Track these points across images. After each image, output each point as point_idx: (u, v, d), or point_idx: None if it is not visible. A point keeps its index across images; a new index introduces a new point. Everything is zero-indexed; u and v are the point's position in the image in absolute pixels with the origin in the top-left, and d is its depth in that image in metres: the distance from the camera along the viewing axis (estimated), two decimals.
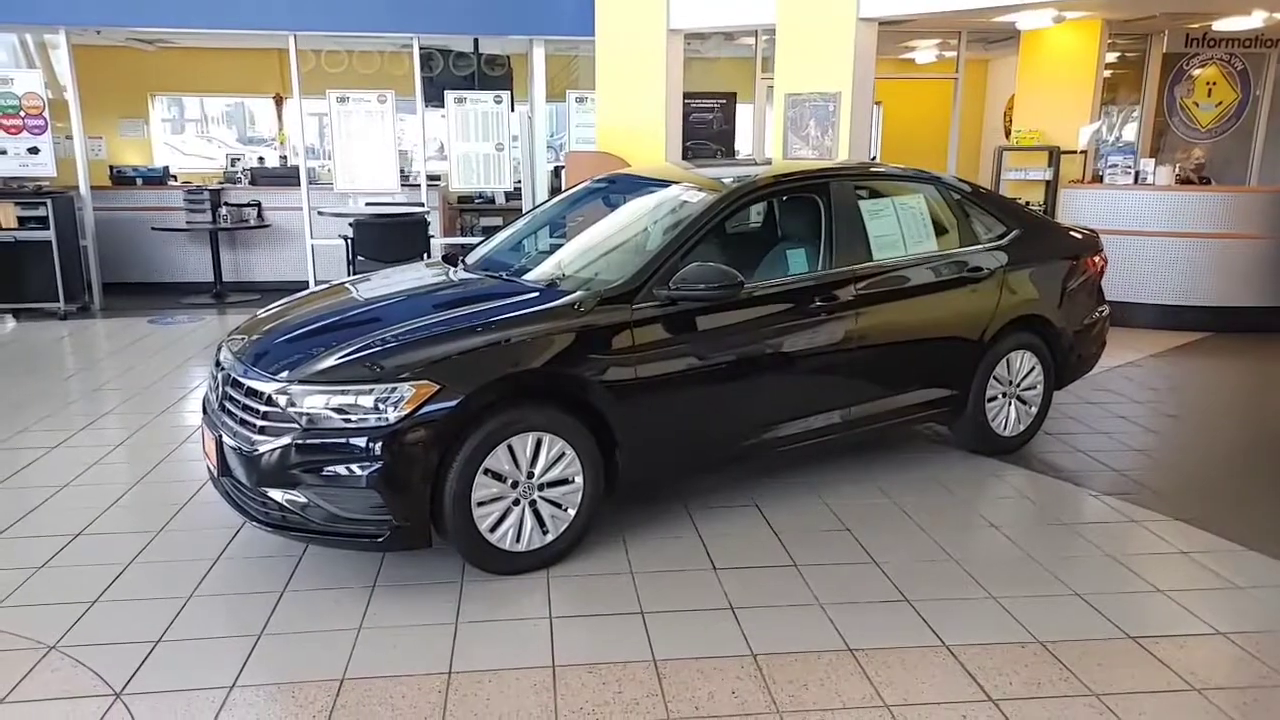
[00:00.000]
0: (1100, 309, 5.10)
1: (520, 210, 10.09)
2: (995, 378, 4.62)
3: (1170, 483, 4.52)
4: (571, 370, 3.42)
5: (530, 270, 4.10)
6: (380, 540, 3.20)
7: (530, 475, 3.37)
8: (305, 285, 8.76)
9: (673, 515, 3.98)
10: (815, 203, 4.22)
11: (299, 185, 9.11)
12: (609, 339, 3.50)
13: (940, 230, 4.55)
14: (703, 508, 4.06)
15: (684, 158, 8.49)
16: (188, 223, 9.29)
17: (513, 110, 8.87)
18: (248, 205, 9.56)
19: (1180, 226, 7.64)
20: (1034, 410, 4.84)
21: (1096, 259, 5.06)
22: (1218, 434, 5.40)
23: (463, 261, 4.49)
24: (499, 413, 3.28)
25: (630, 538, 3.76)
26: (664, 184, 4.50)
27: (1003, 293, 4.55)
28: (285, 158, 11.96)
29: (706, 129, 9.58)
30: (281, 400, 3.20)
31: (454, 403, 3.16)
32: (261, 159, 11.77)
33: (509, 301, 3.61)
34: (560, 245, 4.39)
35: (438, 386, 3.16)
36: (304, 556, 3.57)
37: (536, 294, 3.67)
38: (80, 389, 6.05)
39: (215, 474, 3.49)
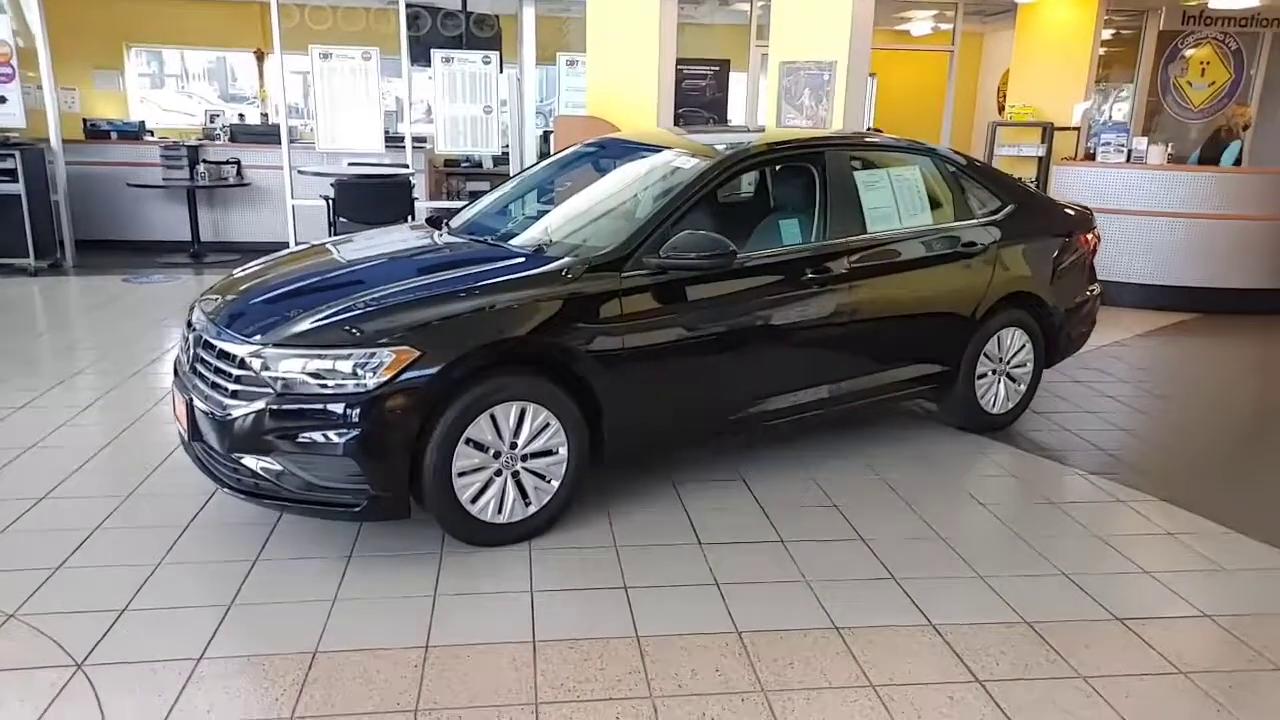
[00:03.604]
0: (1091, 288, 5.05)
1: (508, 175, 9.95)
2: (985, 354, 4.57)
3: (1157, 463, 4.50)
4: (557, 339, 3.32)
5: (517, 235, 3.99)
6: (357, 510, 3.11)
7: (513, 446, 3.28)
8: (285, 246, 8.57)
9: (658, 489, 3.90)
10: (810, 172, 4.12)
11: (280, 144, 8.89)
12: (596, 307, 3.40)
13: (935, 203, 4.47)
14: (689, 481, 3.99)
15: (675, 125, 8.34)
16: (164, 179, 9.07)
17: (501, 72, 8.68)
18: (227, 163, 9.35)
19: (1170, 206, 7.59)
20: (1023, 388, 4.79)
21: (1089, 237, 5.00)
22: (1204, 415, 5.38)
23: (447, 225, 4.37)
24: (481, 381, 3.18)
25: (615, 511, 3.68)
26: (655, 149, 4.39)
27: (996, 269, 4.48)
28: (266, 115, 11.72)
29: (699, 96, 9.41)
30: (255, 364, 3.09)
31: (435, 370, 3.06)
32: (242, 116, 11.50)
33: (494, 267, 3.50)
34: (548, 210, 4.27)
35: (418, 353, 3.06)
36: (278, 525, 3.47)
37: (523, 259, 3.56)
38: (50, 348, 5.90)
39: (186, 438, 3.38)
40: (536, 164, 4.89)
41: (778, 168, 4.40)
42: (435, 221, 4.49)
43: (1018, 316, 4.62)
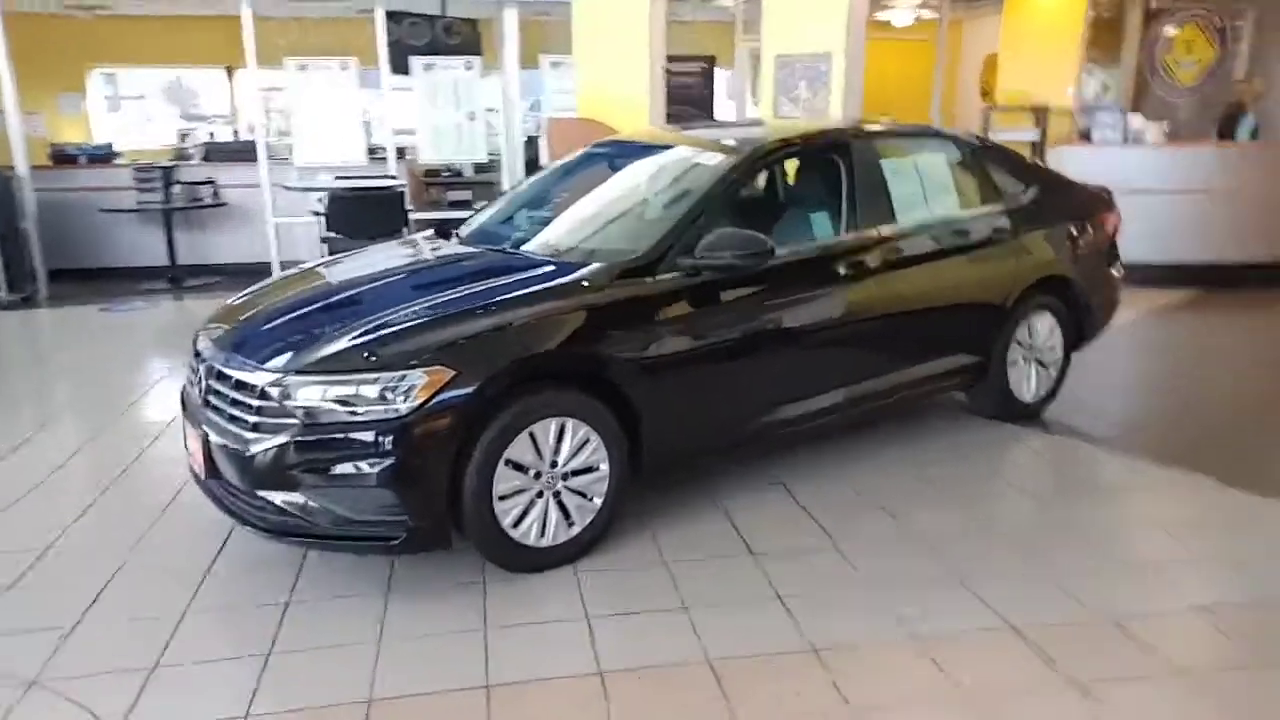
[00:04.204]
0: (1114, 268, 4.93)
1: (492, 183, 9.72)
2: (1017, 341, 4.44)
3: (1193, 441, 4.40)
4: (594, 349, 3.15)
5: (536, 242, 3.79)
6: (396, 543, 2.92)
7: (554, 464, 3.10)
8: (268, 266, 8.33)
9: (697, 499, 3.73)
10: (835, 163, 3.97)
11: (257, 160, 8.63)
12: (632, 313, 3.24)
13: (962, 190, 4.35)
14: (727, 489, 3.82)
15: (667, 123, 8.15)
16: (138, 203, 8.75)
17: (483, 77, 8.48)
18: (202, 183, 9.05)
19: (1169, 183, 7.54)
20: (1054, 373, 4.66)
21: (1111, 216, 4.89)
22: (1227, 389, 5.29)
23: (457, 234, 4.18)
24: (520, 398, 3.00)
25: (656, 526, 3.50)
26: (669, 148, 4.23)
27: (1025, 253, 4.36)
28: (238, 132, 11.43)
29: (686, 93, 9.24)
30: (277, 393, 2.88)
31: (471, 390, 2.88)
32: (212, 134, 11.20)
33: (523, 277, 3.31)
34: (563, 216, 4.08)
35: (453, 372, 2.87)
36: (306, 562, 3.26)
37: (553, 268, 3.37)
38: (32, 387, 5.63)
39: (201, 476, 3.16)
40: (545, 169, 4.68)
41: (799, 160, 4.22)
42: (444, 232, 4.29)
43: (1047, 301, 4.50)
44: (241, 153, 9.46)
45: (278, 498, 2.91)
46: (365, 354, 2.90)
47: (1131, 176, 7.51)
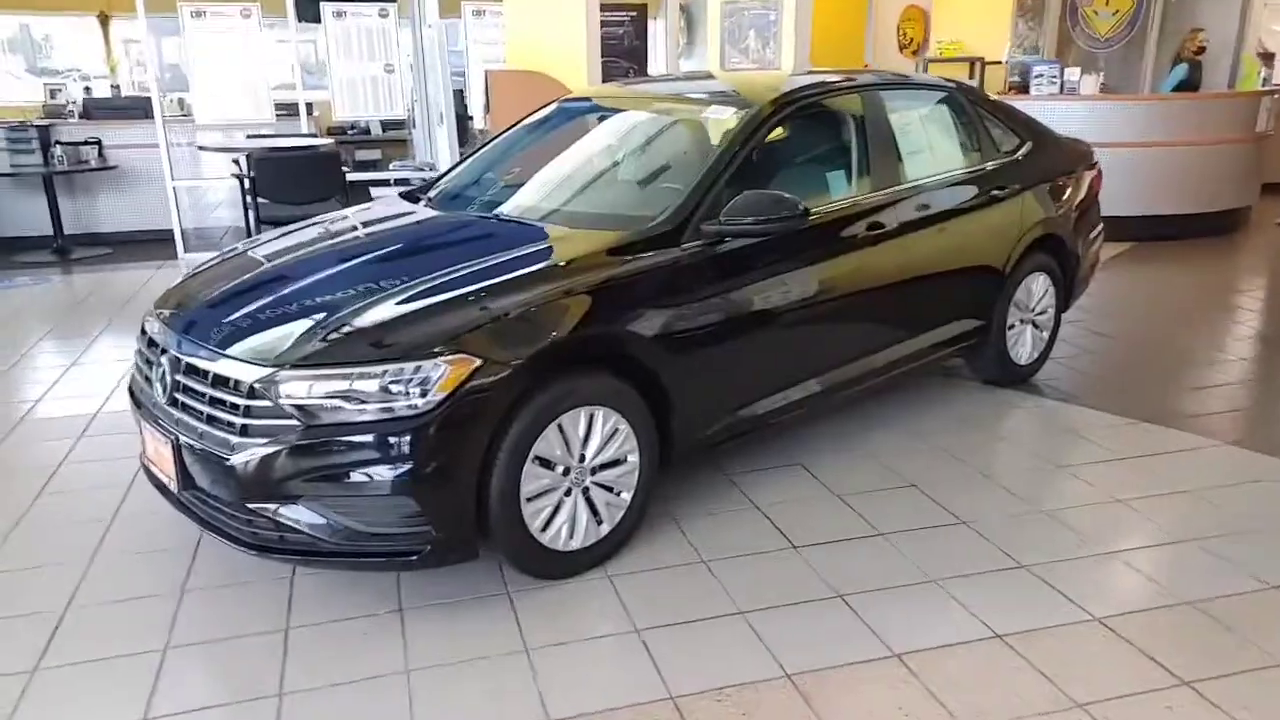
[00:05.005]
0: (1099, 225, 4.85)
1: (404, 141, 9.09)
2: (1014, 304, 4.30)
3: (1184, 400, 4.36)
4: (623, 327, 2.81)
5: (527, 207, 3.40)
6: (415, 558, 2.54)
7: (582, 459, 2.76)
8: (169, 234, 7.58)
9: (716, 487, 3.45)
10: (845, 117, 3.70)
11: (146, 118, 7.81)
12: (661, 286, 2.91)
13: (964, 145, 4.15)
14: (742, 472, 3.56)
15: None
16: (13, 166, 7.81)
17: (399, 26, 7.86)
18: (85, 144, 8.13)
19: (1106, 136, 7.57)
20: (1045, 335, 4.56)
21: (1094, 171, 4.79)
22: (1193, 343, 5.29)
23: (428, 199, 3.74)
24: (547, 387, 2.64)
25: (681, 519, 3.21)
26: (659, 105, 3.88)
27: (1025, 211, 4.20)
28: (117, 87, 10.39)
29: (617, 45, 8.81)
30: (269, 390, 2.45)
31: (499, 379, 2.51)
32: (88, 89, 10.13)
33: (536, 249, 2.92)
34: (551, 178, 3.68)
35: (477, 361, 2.49)
36: (295, 578, 2.85)
37: (566, 236, 2.99)
38: None
39: (173, 488, 2.70)
40: (510, 129, 4.22)
41: (808, 115, 3.91)
42: (411, 196, 3.84)
43: (1043, 261, 4.37)
44: (127, 109, 8.59)
45: (275, 511, 2.49)
46: (384, 339, 2.51)
47: (1069, 129, 7.54)
